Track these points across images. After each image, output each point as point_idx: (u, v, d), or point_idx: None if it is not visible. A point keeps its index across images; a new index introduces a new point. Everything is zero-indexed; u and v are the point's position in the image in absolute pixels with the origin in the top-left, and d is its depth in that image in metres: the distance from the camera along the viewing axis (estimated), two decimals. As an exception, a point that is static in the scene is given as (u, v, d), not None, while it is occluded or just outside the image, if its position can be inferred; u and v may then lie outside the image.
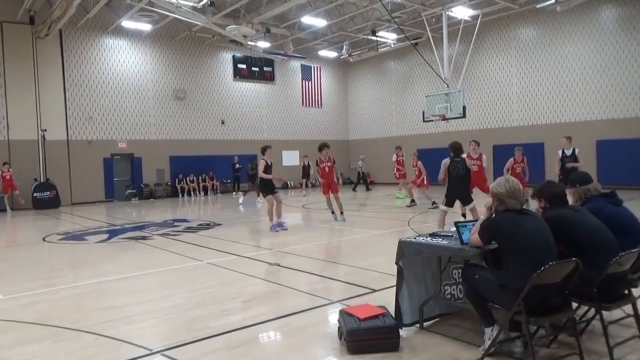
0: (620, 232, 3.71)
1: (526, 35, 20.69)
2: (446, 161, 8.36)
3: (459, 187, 8.34)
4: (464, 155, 8.61)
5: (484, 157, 10.53)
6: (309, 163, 21.96)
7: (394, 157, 16.28)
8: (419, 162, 14.49)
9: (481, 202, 5.46)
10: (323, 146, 11.47)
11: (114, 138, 21.07)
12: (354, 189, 22.40)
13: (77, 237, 10.73)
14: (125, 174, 21.59)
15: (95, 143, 20.49)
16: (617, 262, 3.31)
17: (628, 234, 3.79)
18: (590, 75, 18.69)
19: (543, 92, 20.20)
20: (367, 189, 22.38)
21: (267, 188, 10.41)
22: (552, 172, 11.83)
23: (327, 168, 11.39)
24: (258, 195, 17.36)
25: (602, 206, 3.97)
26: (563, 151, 11.70)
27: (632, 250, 3.48)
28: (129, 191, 21.31)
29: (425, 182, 14.35)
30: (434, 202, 13.28)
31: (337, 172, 11.85)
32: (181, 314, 4.85)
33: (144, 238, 10.07)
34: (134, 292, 5.81)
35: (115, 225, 12.58)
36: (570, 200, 4.04)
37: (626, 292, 3.70)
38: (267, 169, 10.23)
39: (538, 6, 18.21)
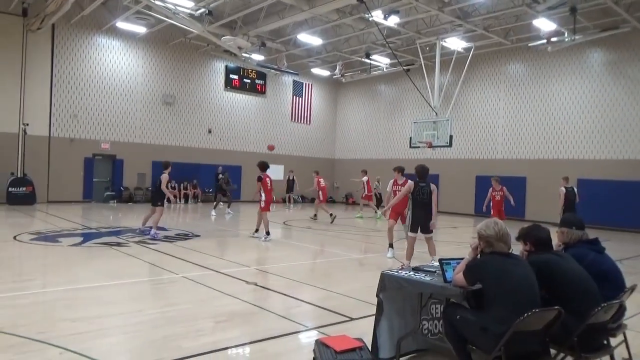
0: (601, 280, 3.71)
1: (516, 71, 21.12)
2: (411, 184, 8.17)
3: (422, 213, 8.08)
4: (393, 181, 9.71)
5: (409, 182, 10.41)
6: (293, 178, 21.86)
7: (365, 179, 18.89)
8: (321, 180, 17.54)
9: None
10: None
11: (98, 138, 20.75)
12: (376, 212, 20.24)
13: (49, 238, 10.43)
14: (105, 175, 21.22)
15: (77, 142, 20.14)
16: (600, 312, 3.31)
17: (609, 283, 3.79)
18: (576, 115, 19.11)
19: (528, 128, 20.57)
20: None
21: (161, 199, 11.50)
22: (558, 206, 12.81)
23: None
24: (228, 207, 17.35)
25: (585, 253, 3.97)
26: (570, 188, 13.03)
27: (614, 301, 3.49)
28: (108, 193, 20.92)
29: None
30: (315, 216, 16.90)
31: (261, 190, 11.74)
32: (152, 330, 4.69)
33: (119, 244, 9.83)
34: (105, 303, 5.62)
35: (90, 229, 12.28)
36: (555, 239, 4.04)
37: (605, 342, 3.70)
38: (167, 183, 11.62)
39: (530, 44, 18.62)
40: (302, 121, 27.91)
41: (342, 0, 15.35)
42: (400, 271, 4.25)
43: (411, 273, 4.12)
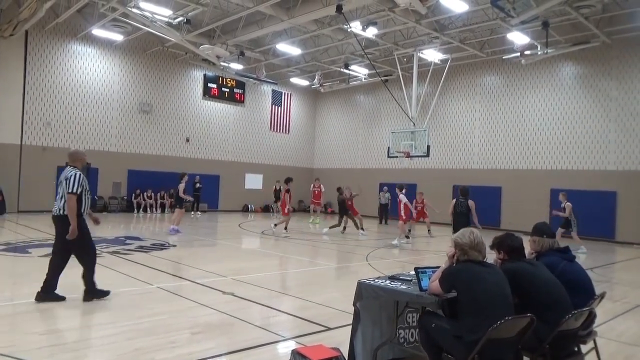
0: (572, 288, 3.77)
1: (491, 82, 21.56)
2: (454, 201, 10.77)
3: (459, 222, 10.33)
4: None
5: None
6: (280, 188, 21.53)
7: (311, 187, 20.48)
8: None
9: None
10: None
11: (71, 146, 20.31)
12: (385, 223, 20.94)
13: (19, 249, 10.15)
14: (79, 184, 20.73)
15: (50, 150, 19.69)
16: (570, 319, 3.37)
17: (580, 291, 3.87)
18: (549, 127, 19.57)
19: (503, 138, 20.97)
20: (385, 222, 21.14)
21: (181, 202, 14.88)
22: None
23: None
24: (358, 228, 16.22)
25: (557, 261, 4.05)
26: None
27: (584, 309, 3.56)
28: (82, 202, 20.43)
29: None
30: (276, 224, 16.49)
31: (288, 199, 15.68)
32: (125, 343, 4.58)
33: (92, 255, 9.58)
34: (76, 315, 5.48)
35: (63, 239, 11.96)
36: (527, 247, 4.11)
37: (576, 349, 3.77)
38: (185, 191, 14.74)
39: (504, 57, 19.07)
40: (281, 130, 27.90)
41: (321, 11, 15.46)
42: (377, 280, 4.26)
43: (387, 282, 4.14)
